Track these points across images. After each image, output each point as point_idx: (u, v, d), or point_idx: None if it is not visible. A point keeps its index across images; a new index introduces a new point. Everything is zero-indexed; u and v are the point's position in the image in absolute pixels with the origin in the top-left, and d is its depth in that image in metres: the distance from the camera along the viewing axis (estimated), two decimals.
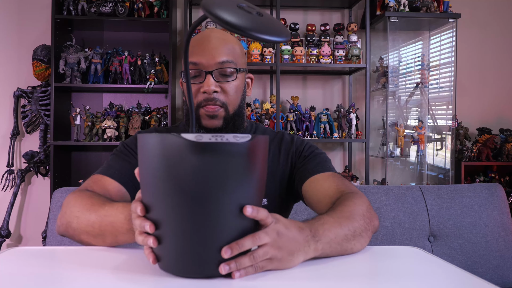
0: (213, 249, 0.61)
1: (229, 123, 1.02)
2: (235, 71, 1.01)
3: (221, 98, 1.00)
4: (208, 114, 1.00)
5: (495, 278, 1.51)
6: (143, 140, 0.62)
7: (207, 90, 0.98)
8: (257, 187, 0.65)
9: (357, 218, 0.82)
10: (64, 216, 0.89)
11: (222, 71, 1.00)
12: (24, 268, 0.68)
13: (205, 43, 1.01)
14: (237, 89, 1.03)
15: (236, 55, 1.03)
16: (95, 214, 0.83)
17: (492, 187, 1.63)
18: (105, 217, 0.81)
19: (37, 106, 2.95)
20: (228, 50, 1.01)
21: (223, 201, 0.60)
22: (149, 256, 0.65)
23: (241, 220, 0.62)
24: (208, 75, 0.98)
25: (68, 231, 0.88)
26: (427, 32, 3.24)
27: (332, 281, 0.63)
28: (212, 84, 0.98)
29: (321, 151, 1.10)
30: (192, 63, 0.99)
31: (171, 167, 0.60)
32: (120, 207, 0.81)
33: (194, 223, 0.60)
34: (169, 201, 0.61)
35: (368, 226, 0.83)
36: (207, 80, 0.98)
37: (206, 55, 0.99)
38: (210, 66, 0.99)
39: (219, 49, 1.00)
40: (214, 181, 0.59)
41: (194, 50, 1.00)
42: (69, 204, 0.89)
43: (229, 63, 1.00)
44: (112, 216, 0.80)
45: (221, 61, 0.99)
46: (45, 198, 3.07)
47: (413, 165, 3.21)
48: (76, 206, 0.87)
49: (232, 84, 1.01)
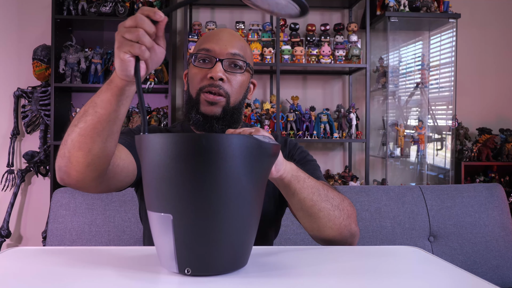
0: (218, 247, 0.61)
1: (228, 114, 1.03)
2: (244, 65, 1.04)
3: (225, 87, 1.02)
4: (208, 100, 1.01)
5: (495, 278, 1.51)
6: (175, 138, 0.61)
7: (214, 75, 1.00)
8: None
9: (336, 199, 0.90)
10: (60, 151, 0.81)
11: (232, 61, 1.02)
12: (24, 268, 0.68)
13: (220, 34, 1.04)
14: (242, 84, 1.05)
15: (247, 54, 1.06)
16: (80, 116, 0.78)
17: (492, 187, 1.63)
18: (86, 109, 0.77)
19: (37, 106, 2.95)
20: (240, 46, 1.04)
21: (235, 200, 0.62)
22: (130, 63, 0.69)
23: (248, 221, 0.64)
24: (218, 62, 1.01)
25: (60, 151, 0.79)
26: (427, 32, 3.24)
27: (332, 280, 0.63)
28: (220, 71, 1.00)
29: (312, 157, 1.13)
30: (205, 49, 1.02)
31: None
32: None
33: (202, 221, 0.61)
34: (177, 196, 0.61)
35: (343, 215, 0.90)
36: (216, 66, 1.00)
37: (220, 44, 1.02)
38: (222, 54, 1.01)
39: (233, 42, 1.03)
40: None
41: (209, 39, 1.04)
42: None
43: (240, 57, 1.03)
44: (90, 100, 0.77)
45: (233, 52, 1.02)
46: (45, 198, 3.07)
47: (413, 165, 3.21)
48: None
49: (239, 77, 1.03)
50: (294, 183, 0.84)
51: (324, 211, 0.87)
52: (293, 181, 0.84)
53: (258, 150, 0.64)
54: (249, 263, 0.70)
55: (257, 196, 0.66)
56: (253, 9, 0.70)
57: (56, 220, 1.39)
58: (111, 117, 0.76)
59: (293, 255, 0.79)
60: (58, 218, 1.40)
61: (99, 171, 0.80)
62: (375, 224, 1.51)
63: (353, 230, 0.93)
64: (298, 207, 0.88)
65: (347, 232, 0.91)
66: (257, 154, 0.63)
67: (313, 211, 0.87)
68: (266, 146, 0.65)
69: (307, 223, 0.90)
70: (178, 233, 0.61)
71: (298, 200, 0.86)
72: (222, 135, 0.61)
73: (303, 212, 0.88)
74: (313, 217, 0.88)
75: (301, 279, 0.64)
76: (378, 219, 1.51)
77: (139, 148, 0.65)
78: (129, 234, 1.41)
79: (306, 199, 0.86)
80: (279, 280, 0.63)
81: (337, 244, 0.93)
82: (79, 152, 0.77)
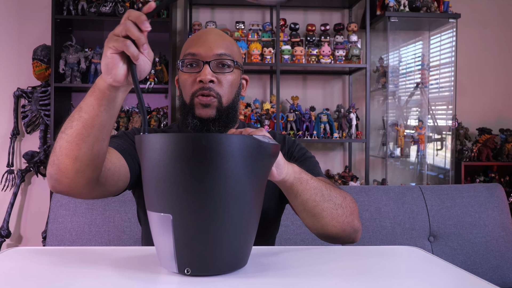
0: (218, 247, 0.61)
1: (222, 114, 1.03)
2: (232, 64, 1.04)
3: (216, 88, 1.02)
4: (201, 103, 1.01)
5: (495, 278, 1.51)
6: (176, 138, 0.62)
7: (203, 79, 1.00)
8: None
9: (339, 197, 0.91)
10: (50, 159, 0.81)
11: (219, 61, 1.02)
12: (24, 268, 0.68)
13: (204, 37, 1.04)
14: (232, 83, 1.05)
15: (234, 52, 1.06)
16: (67, 122, 0.79)
17: (492, 187, 1.63)
18: (73, 114, 0.78)
19: (37, 106, 2.95)
20: (226, 45, 1.04)
21: (234, 200, 0.62)
22: (115, 61, 0.69)
23: (248, 221, 0.64)
24: (206, 65, 1.01)
25: (51, 159, 0.79)
26: (427, 32, 3.24)
27: (332, 280, 0.63)
28: (209, 74, 1.00)
29: (311, 154, 1.13)
30: (191, 54, 1.02)
31: None
32: None
33: (202, 220, 0.61)
34: (177, 196, 0.61)
35: (346, 212, 0.91)
36: (204, 69, 1.00)
37: (205, 46, 1.02)
38: (208, 57, 1.01)
39: (218, 43, 1.03)
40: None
41: (193, 42, 1.04)
42: None
43: (227, 56, 1.03)
44: (78, 105, 0.78)
45: (219, 53, 1.02)
46: (45, 198, 3.07)
47: (413, 165, 3.21)
48: None
49: (228, 77, 1.03)
50: (297, 185, 0.84)
51: (327, 211, 0.88)
52: (295, 183, 0.84)
53: (258, 150, 0.64)
54: (249, 263, 0.70)
55: (257, 195, 0.66)
56: (253, 9, 0.70)
57: (56, 220, 1.39)
58: (95, 122, 0.75)
59: (293, 255, 0.79)
60: (58, 218, 1.40)
61: (90, 178, 0.79)
62: (375, 224, 1.51)
63: (356, 226, 0.94)
64: (301, 208, 0.88)
65: (350, 228, 0.92)
66: (257, 154, 0.63)
67: (316, 211, 0.87)
68: (266, 146, 0.65)
69: (311, 222, 0.90)
70: (178, 233, 0.61)
71: (301, 201, 0.86)
72: (222, 135, 0.61)
73: (306, 212, 0.88)
74: (316, 217, 0.88)
75: (301, 279, 0.64)
76: (378, 219, 1.51)
77: (139, 148, 0.65)
78: (129, 234, 1.41)
79: (309, 200, 0.86)
80: (279, 280, 0.63)
81: (340, 240, 0.94)
82: (67, 159, 0.76)
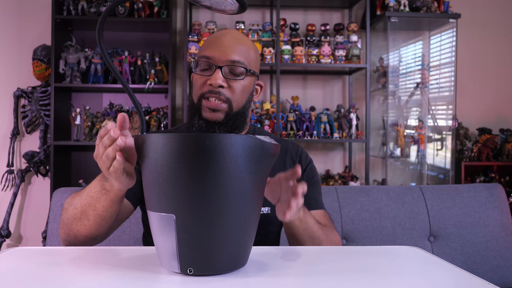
0: (220, 246, 0.62)
1: (230, 119, 1.03)
2: (245, 72, 1.02)
3: (226, 93, 1.02)
4: (210, 107, 1.01)
5: (495, 278, 1.51)
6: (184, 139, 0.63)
7: (213, 83, 1.00)
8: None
9: (326, 242, 0.99)
10: (61, 220, 0.91)
11: (232, 69, 1.01)
12: (24, 268, 0.68)
13: (221, 40, 1.03)
14: (244, 89, 1.04)
15: (250, 59, 1.04)
16: (78, 197, 0.87)
17: (492, 187, 1.63)
18: (83, 193, 0.85)
19: (37, 106, 2.95)
20: (241, 51, 1.03)
21: (237, 201, 0.63)
22: (117, 173, 0.71)
23: (250, 220, 0.65)
24: (218, 69, 1.00)
25: (64, 230, 0.89)
26: (427, 32, 3.24)
27: (332, 280, 0.63)
28: (219, 79, 1.00)
29: (318, 178, 1.18)
30: (205, 57, 1.02)
31: None
32: (96, 178, 0.84)
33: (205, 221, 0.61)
34: (180, 196, 0.61)
35: (326, 244, 1.00)
36: (216, 74, 1.00)
37: (219, 50, 1.01)
38: (221, 61, 1.01)
39: (233, 48, 1.02)
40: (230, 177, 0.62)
41: (209, 45, 1.03)
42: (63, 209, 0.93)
43: (240, 64, 1.01)
44: (88, 188, 0.84)
45: (233, 59, 1.01)
46: (45, 198, 3.07)
47: (413, 165, 3.21)
48: (65, 203, 0.91)
49: (240, 83, 1.03)
50: (297, 226, 0.93)
51: (309, 244, 0.97)
52: (297, 224, 0.92)
53: (260, 150, 0.64)
54: (249, 263, 0.70)
55: (257, 195, 0.66)
56: (253, 9, 0.70)
57: (56, 220, 1.39)
58: (113, 212, 0.85)
59: (293, 255, 0.79)
60: (58, 218, 1.40)
61: (105, 236, 0.91)
62: (375, 224, 1.51)
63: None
64: (290, 237, 0.98)
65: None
66: (259, 154, 0.64)
67: (302, 243, 0.96)
68: (268, 146, 0.65)
69: (293, 244, 0.98)
70: (181, 233, 0.61)
71: (293, 235, 0.95)
72: (225, 135, 0.61)
73: (292, 240, 0.97)
74: (300, 244, 0.97)
75: (301, 279, 0.64)
76: (378, 219, 1.51)
77: (140, 148, 0.65)
78: (129, 234, 1.41)
79: (301, 236, 0.95)
80: (279, 280, 0.63)
81: None
82: (86, 239, 0.88)
